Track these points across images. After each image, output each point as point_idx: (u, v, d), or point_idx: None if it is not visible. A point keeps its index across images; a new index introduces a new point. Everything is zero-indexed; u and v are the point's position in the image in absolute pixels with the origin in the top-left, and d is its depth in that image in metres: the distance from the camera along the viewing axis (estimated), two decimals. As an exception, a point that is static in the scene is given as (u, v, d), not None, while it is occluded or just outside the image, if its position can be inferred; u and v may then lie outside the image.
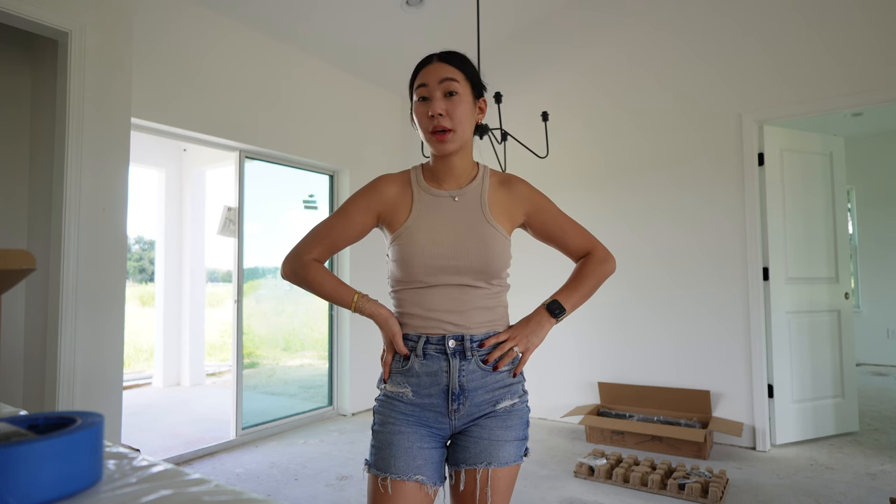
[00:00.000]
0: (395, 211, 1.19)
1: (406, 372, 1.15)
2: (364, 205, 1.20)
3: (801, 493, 2.69)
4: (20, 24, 2.27)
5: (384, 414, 1.15)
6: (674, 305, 3.70)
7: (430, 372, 1.14)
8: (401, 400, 1.15)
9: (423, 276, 1.14)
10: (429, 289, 1.15)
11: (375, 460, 1.12)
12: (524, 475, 3.00)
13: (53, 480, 0.41)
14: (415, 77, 1.19)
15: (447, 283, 1.14)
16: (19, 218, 2.58)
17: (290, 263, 1.20)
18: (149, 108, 3.08)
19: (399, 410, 1.14)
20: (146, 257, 12.92)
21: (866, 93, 3.17)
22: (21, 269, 0.52)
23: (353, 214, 1.20)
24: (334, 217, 1.22)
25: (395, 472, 1.09)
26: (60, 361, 2.30)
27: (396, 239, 1.16)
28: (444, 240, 1.15)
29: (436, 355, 1.14)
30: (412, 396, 1.14)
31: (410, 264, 1.14)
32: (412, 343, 1.15)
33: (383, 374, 1.18)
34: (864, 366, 6.12)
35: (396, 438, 1.12)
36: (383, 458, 1.11)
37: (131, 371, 6.46)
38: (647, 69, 3.87)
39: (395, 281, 1.18)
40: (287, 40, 3.95)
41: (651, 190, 3.82)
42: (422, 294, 1.15)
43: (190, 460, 3.34)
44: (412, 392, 1.14)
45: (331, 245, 1.21)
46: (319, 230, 1.21)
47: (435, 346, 1.14)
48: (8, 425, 0.48)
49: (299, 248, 1.21)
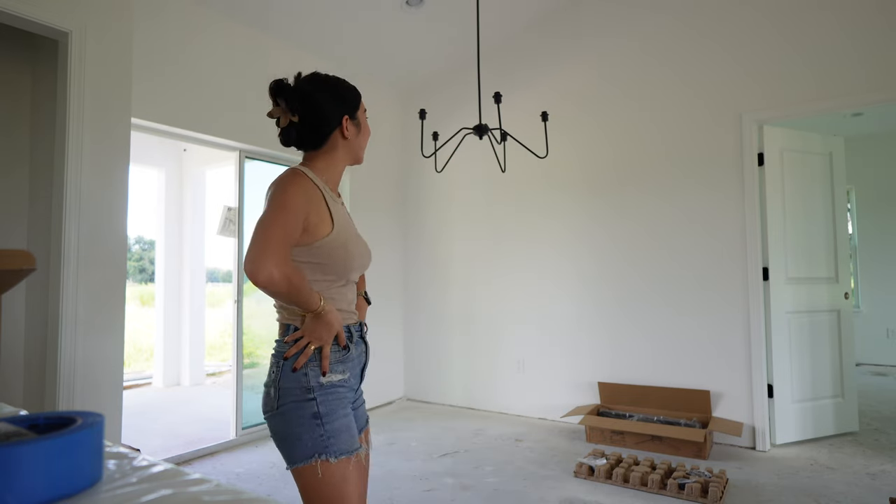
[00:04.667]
0: (318, 213, 1.25)
1: (345, 360, 1.29)
2: (303, 205, 1.22)
3: (800, 493, 2.69)
4: (20, 24, 2.27)
5: (329, 403, 1.22)
6: (673, 305, 3.70)
7: (357, 356, 1.34)
8: (343, 386, 1.27)
9: (352, 275, 1.34)
10: (347, 285, 1.35)
11: (339, 445, 1.20)
12: (524, 475, 3.00)
13: (54, 480, 0.41)
14: (356, 97, 1.39)
15: (354, 280, 1.38)
16: (19, 218, 2.58)
17: (281, 267, 1.12)
18: (149, 108, 3.08)
19: (342, 396, 1.26)
20: (146, 257, 12.92)
21: (866, 93, 3.17)
22: (21, 269, 0.52)
23: (298, 214, 1.20)
24: (286, 216, 1.18)
25: (355, 448, 1.23)
26: (60, 361, 2.30)
27: (325, 241, 1.25)
28: (363, 243, 1.38)
29: (358, 341, 1.36)
30: (350, 381, 1.30)
31: (348, 267, 1.30)
32: (347, 334, 1.32)
33: (322, 368, 1.23)
34: (863, 366, 6.12)
35: (348, 420, 1.25)
36: (346, 440, 1.22)
37: (131, 371, 6.46)
38: (646, 69, 3.87)
39: (317, 276, 1.27)
40: (287, 40, 3.95)
41: (651, 190, 3.82)
42: (343, 290, 1.33)
43: (190, 460, 3.34)
44: (350, 377, 1.30)
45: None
46: (282, 231, 1.16)
47: (356, 333, 1.36)
48: (8, 425, 0.48)
49: (284, 251, 1.15)
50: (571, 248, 4.14)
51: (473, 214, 4.65)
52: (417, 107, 4.95)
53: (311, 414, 1.19)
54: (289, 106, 1.28)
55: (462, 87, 4.72)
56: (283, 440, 1.20)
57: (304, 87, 1.30)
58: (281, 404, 1.21)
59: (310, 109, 1.29)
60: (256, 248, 1.12)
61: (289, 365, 1.22)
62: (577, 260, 4.11)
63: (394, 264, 4.96)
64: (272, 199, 1.20)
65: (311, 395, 1.20)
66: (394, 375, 4.88)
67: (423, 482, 2.92)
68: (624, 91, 3.96)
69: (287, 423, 1.19)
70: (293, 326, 1.26)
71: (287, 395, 1.21)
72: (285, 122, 1.30)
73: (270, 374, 1.25)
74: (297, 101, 1.29)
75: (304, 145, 1.34)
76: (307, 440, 1.18)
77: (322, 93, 1.31)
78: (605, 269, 3.99)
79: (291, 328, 1.26)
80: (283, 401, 1.21)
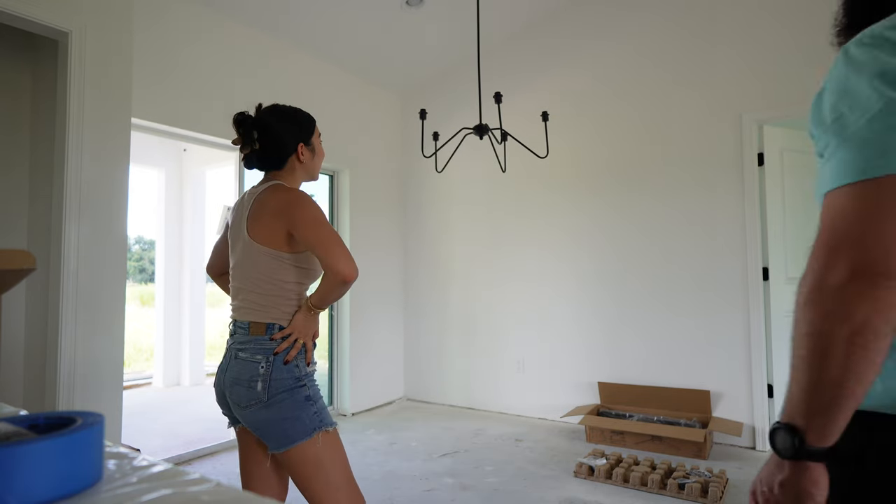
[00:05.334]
0: None
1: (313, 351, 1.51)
2: None
3: (800, 493, 2.69)
4: (20, 24, 2.27)
5: (313, 387, 1.44)
6: (674, 305, 3.70)
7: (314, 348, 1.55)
8: (314, 371, 1.49)
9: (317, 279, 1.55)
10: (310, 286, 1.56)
11: (328, 418, 1.43)
12: (524, 475, 3.00)
13: (53, 480, 0.41)
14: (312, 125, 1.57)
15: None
16: (19, 218, 2.58)
17: (356, 272, 1.39)
18: (149, 108, 3.08)
19: (316, 381, 1.48)
20: (146, 257, 12.91)
21: (866, 93, 3.16)
22: (21, 269, 0.52)
23: None
24: (335, 231, 1.43)
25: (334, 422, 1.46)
26: (61, 361, 2.30)
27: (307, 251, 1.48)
28: None
29: None
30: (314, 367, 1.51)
31: (319, 272, 1.50)
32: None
33: (307, 359, 1.44)
34: (864, 366, 6.11)
35: (324, 401, 1.47)
36: (328, 414, 1.45)
37: (131, 371, 6.46)
38: (646, 70, 3.87)
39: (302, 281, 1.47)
40: (287, 40, 3.95)
41: (651, 190, 3.82)
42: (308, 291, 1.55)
43: (190, 460, 3.34)
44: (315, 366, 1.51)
45: None
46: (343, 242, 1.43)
47: None
48: (8, 425, 0.48)
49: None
50: (572, 247, 4.14)
51: (473, 215, 4.65)
52: (417, 107, 4.95)
53: (304, 397, 1.39)
54: (251, 136, 1.45)
55: (462, 87, 4.72)
56: (279, 425, 1.35)
57: (264, 118, 1.48)
58: (272, 395, 1.36)
59: (269, 139, 1.47)
60: (342, 254, 1.36)
61: (280, 359, 1.38)
62: (577, 260, 4.11)
63: (394, 264, 4.96)
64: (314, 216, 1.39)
65: (301, 382, 1.40)
66: (394, 375, 4.88)
67: (423, 482, 2.92)
68: (624, 91, 3.96)
69: (282, 411, 1.35)
70: (278, 325, 1.42)
71: (279, 386, 1.36)
72: (247, 149, 1.47)
73: (256, 369, 1.37)
74: (259, 131, 1.46)
75: (264, 167, 1.53)
76: (305, 419, 1.37)
77: (281, 123, 1.49)
78: (606, 270, 3.99)
79: (276, 326, 1.41)
80: (275, 392, 1.36)
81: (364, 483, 2.89)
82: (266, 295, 1.42)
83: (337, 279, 1.36)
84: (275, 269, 1.42)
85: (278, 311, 1.42)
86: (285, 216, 1.40)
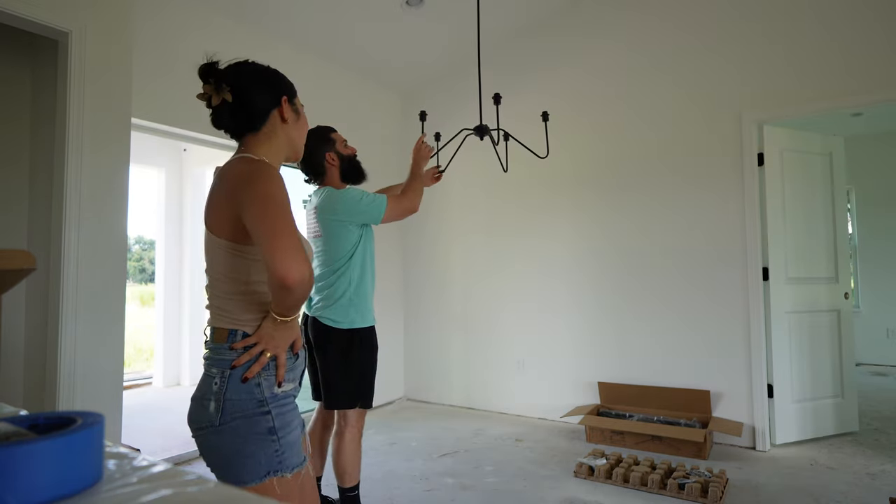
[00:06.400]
0: None
1: (294, 367, 1.18)
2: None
3: (800, 493, 2.69)
4: (20, 24, 2.27)
5: (284, 415, 1.12)
6: (674, 305, 3.70)
7: (301, 361, 1.22)
8: (292, 394, 1.17)
9: None
10: None
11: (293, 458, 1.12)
12: (524, 475, 3.00)
13: (53, 480, 0.41)
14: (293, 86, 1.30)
15: None
16: (19, 218, 2.58)
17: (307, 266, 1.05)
18: (149, 108, 3.08)
19: (293, 407, 1.17)
20: (146, 257, 12.90)
21: (866, 93, 3.16)
22: (21, 269, 0.52)
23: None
24: (291, 214, 1.09)
25: (304, 458, 1.16)
26: (61, 361, 2.29)
27: None
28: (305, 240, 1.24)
29: (303, 347, 1.24)
30: (295, 390, 1.19)
31: None
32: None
33: (278, 377, 1.12)
34: (863, 366, 6.12)
35: (299, 431, 1.16)
36: (298, 451, 1.14)
37: (131, 371, 6.46)
38: (646, 69, 3.87)
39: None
40: (287, 40, 3.95)
41: (651, 190, 3.82)
42: None
43: (190, 460, 3.34)
44: (295, 385, 1.19)
45: None
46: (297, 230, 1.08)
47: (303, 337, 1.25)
48: (8, 425, 0.48)
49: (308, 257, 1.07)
50: (571, 247, 4.14)
51: (473, 215, 4.65)
52: (417, 107, 4.95)
53: (266, 429, 1.08)
54: (220, 83, 1.15)
55: (462, 88, 4.72)
56: (229, 459, 1.07)
57: (236, 65, 1.20)
58: (225, 420, 1.07)
59: (244, 87, 1.17)
60: (285, 246, 1.01)
61: (237, 375, 1.08)
62: (577, 260, 4.11)
63: (394, 264, 4.96)
64: (267, 194, 1.06)
65: (264, 407, 1.09)
66: (394, 375, 4.88)
67: (423, 482, 2.92)
68: (624, 91, 3.96)
69: (234, 441, 1.07)
70: (241, 332, 1.12)
71: (234, 409, 1.07)
72: (217, 100, 1.16)
73: (210, 385, 1.10)
74: (231, 78, 1.16)
75: (240, 128, 1.21)
76: (261, 457, 1.07)
77: (256, 71, 1.22)
78: (606, 269, 3.99)
79: (240, 334, 1.12)
80: (230, 416, 1.07)
81: (364, 483, 2.89)
82: (227, 297, 1.13)
83: (274, 281, 1.02)
84: (235, 266, 1.12)
85: (245, 315, 1.13)
86: (237, 195, 1.08)
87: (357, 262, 2.23)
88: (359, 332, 2.23)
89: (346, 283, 2.21)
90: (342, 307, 2.20)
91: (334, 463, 2.26)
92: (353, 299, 2.22)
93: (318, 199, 2.27)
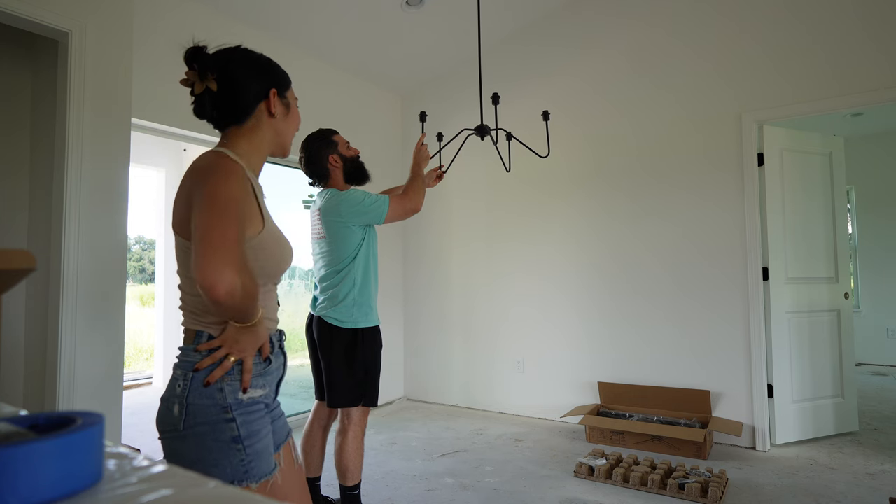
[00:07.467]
0: (249, 208, 1.07)
1: (265, 373, 1.13)
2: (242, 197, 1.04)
3: (800, 493, 2.69)
4: (20, 24, 2.27)
5: (251, 423, 1.06)
6: (673, 305, 3.70)
7: (277, 368, 1.17)
8: (262, 402, 1.11)
9: (279, 278, 1.19)
10: (272, 288, 1.19)
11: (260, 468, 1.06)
12: (524, 475, 3.00)
13: (53, 480, 0.41)
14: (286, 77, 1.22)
15: (278, 283, 1.21)
16: (19, 218, 2.58)
17: (241, 275, 0.95)
18: (149, 108, 3.08)
19: (262, 415, 1.10)
20: (146, 257, 12.91)
21: (866, 93, 3.17)
22: (21, 269, 0.52)
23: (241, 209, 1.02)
24: (232, 211, 0.99)
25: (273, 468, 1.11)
26: (61, 361, 2.29)
27: (256, 241, 1.08)
28: (288, 242, 1.20)
29: (278, 352, 1.18)
30: (269, 396, 1.15)
31: (279, 269, 1.16)
32: (270, 344, 1.14)
33: (243, 383, 1.06)
34: (863, 366, 6.12)
35: (268, 440, 1.10)
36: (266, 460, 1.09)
37: (131, 371, 6.46)
38: (647, 70, 3.87)
39: None
40: (287, 40, 3.94)
41: (650, 190, 3.82)
42: (269, 295, 1.17)
43: (190, 460, 3.33)
44: (269, 391, 1.14)
45: None
46: (234, 231, 0.97)
47: (277, 342, 1.19)
48: (8, 425, 0.48)
49: (242, 256, 0.97)
50: (572, 248, 4.14)
51: (474, 215, 4.65)
52: (418, 107, 4.95)
53: (230, 438, 1.03)
54: (205, 70, 1.09)
55: (463, 88, 4.72)
56: (192, 467, 1.00)
57: (225, 52, 1.13)
58: (189, 425, 1.02)
59: (230, 74, 1.10)
60: (211, 253, 0.92)
61: (200, 378, 1.03)
62: (577, 260, 4.11)
63: (394, 264, 4.96)
64: (210, 193, 0.98)
65: (229, 414, 1.03)
66: (394, 375, 4.88)
67: (423, 482, 2.92)
68: (624, 91, 3.96)
69: (198, 449, 1.02)
70: (207, 334, 1.07)
71: (197, 414, 1.02)
72: (200, 88, 1.09)
73: (174, 387, 1.06)
74: (218, 64, 1.10)
75: (223, 119, 1.14)
76: (225, 467, 1.02)
77: (246, 59, 1.14)
78: (605, 269, 3.99)
79: (205, 336, 1.07)
80: (193, 421, 1.02)
81: (364, 483, 2.89)
82: (193, 297, 1.08)
83: (201, 291, 0.93)
84: None
85: (209, 317, 1.07)
86: (191, 193, 1.02)
87: (360, 263, 2.25)
88: (363, 332, 2.26)
89: (350, 283, 2.23)
90: (346, 307, 2.23)
91: (336, 461, 2.26)
92: (357, 299, 2.24)
93: (321, 201, 2.29)
